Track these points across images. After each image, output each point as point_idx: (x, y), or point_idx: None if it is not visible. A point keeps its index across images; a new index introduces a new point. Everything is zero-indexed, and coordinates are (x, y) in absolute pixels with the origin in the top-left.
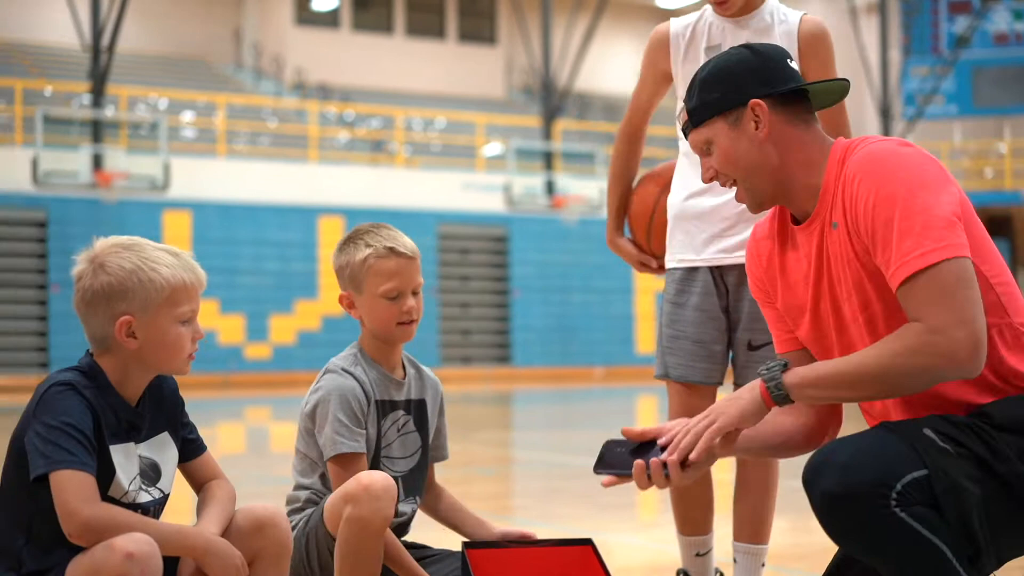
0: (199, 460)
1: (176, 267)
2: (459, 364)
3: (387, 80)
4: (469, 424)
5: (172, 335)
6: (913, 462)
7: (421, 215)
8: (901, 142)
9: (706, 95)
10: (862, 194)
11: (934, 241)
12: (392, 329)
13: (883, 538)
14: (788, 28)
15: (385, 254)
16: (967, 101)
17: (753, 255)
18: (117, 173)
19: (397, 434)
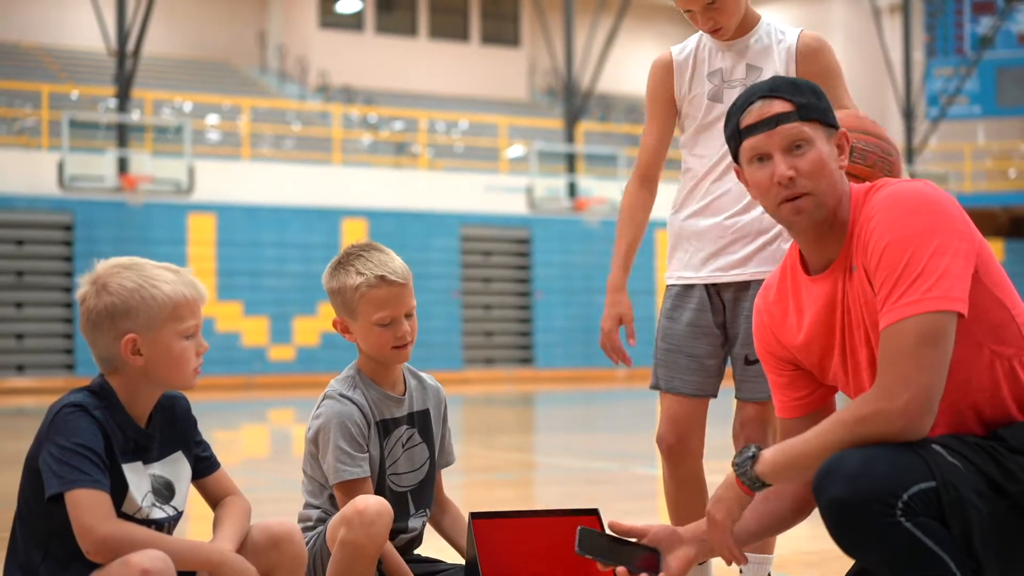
0: (213, 477)
1: (177, 283)
2: (482, 366)
3: (410, 83)
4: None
5: (177, 350)
6: (922, 474)
7: (444, 217)
8: (925, 183)
9: (817, 100)
10: (876, 234)
11: (924, 292)
12: (387, 353)
13: (887, 547)
14: (787, 45)
15: (376, 283)
16: (991, 101)
17: (763, 321)
18: (142, 177)
19: (403, 450)
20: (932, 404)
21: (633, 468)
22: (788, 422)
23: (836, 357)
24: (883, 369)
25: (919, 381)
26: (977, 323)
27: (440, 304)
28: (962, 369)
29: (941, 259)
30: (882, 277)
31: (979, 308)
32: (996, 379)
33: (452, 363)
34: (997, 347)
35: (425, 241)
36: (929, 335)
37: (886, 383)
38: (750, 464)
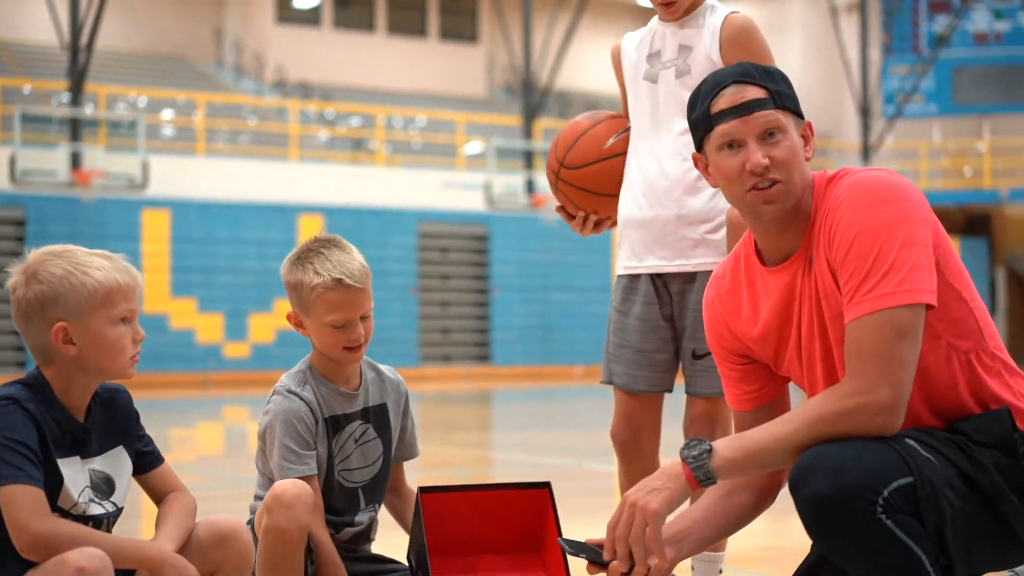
0: (156, 472)
1: (109, 269)
2: (439, 363)
3: (368, 78)
4: (448, 425)
5: (110, 336)
6: (900, 469)
7: (401, 214)
8: (888, 172)
9: (785, 87)
10: (842, 225)
11: (896, 285)
12: (339, 354)
13: (866, 543)
14: (713, 26)
15: (333, 286)
16: (947, 100)
17: (716, 316)
18: (95, 172)
19: (356, 445)
20: (907, 400)
21: (589, 464)
22: (742, 415)
23: (792, 350)
24: (857, 363)
25: (897, 376)
26: (936, 316)
27: (397, 301)
28: (920, 361)
29: (911, 250)
30: (850, 269)
31: (939, 300)
32: (953, 372)
33: (409, 360)
34: (955, 340)
35: (382, 238)
36: (903, 329)
37: (864, 378)
38: (707, 458)
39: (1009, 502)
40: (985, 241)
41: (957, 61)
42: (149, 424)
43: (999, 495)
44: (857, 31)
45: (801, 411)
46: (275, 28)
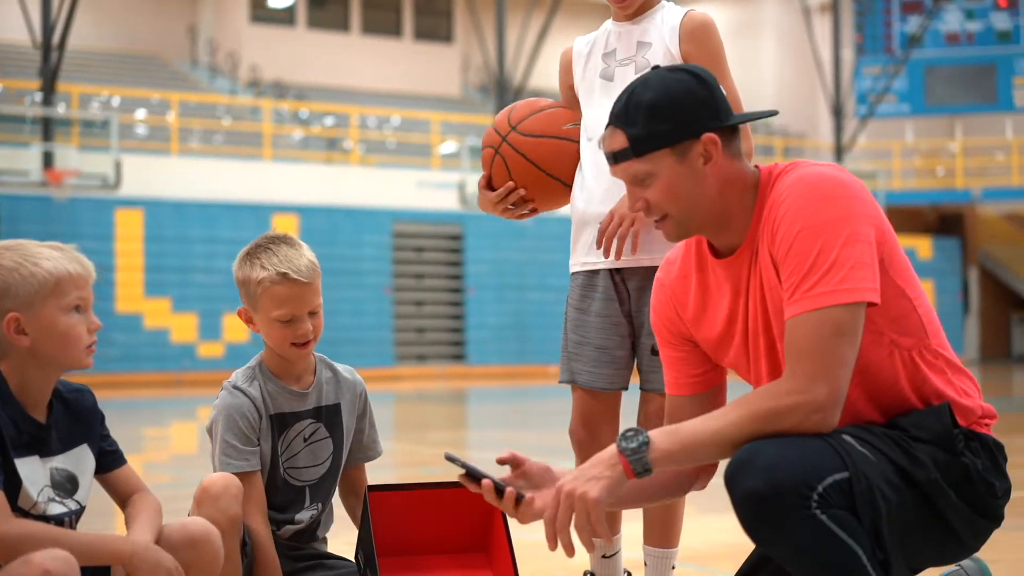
0: (120, 472)
1: (59, 259)
2: (414, 362)
3: (343, 78)
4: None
5: (63, 325)
6: (835, 464)
7: (375, 213)
8: (834, 167)
9: (656, 125)
10: (786, 221)
11: (837, 283)
12: (287, 350)
13: (801, 539)
14: (672, 25)
15: (279, 280)
16: (919, 100)
17: (664, 296)
18: (68, 171)
19: (305, 444)
20: (843, 397)
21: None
22: (678, 399)
23: (738, 344)
24: (795, 360)
25: (836, 374)
26: (879, 313)
27: (372, 301)
28: (862, 358)
29: (853, 248)
30: (792, 265)
31: (882, 297)
32: (895, 368)
33: (384, 360)
34: (897, 337)
35: (357, 237)
36: (842, 327)
37: (802, 376)
38: (645, 450)
39: (946, 497)
40: (958, 241)
41: (929, 61)
42: (123, 424)
43: (936, 491)
44: (830, 31)
45: (739, 406)
46: (249, 27)
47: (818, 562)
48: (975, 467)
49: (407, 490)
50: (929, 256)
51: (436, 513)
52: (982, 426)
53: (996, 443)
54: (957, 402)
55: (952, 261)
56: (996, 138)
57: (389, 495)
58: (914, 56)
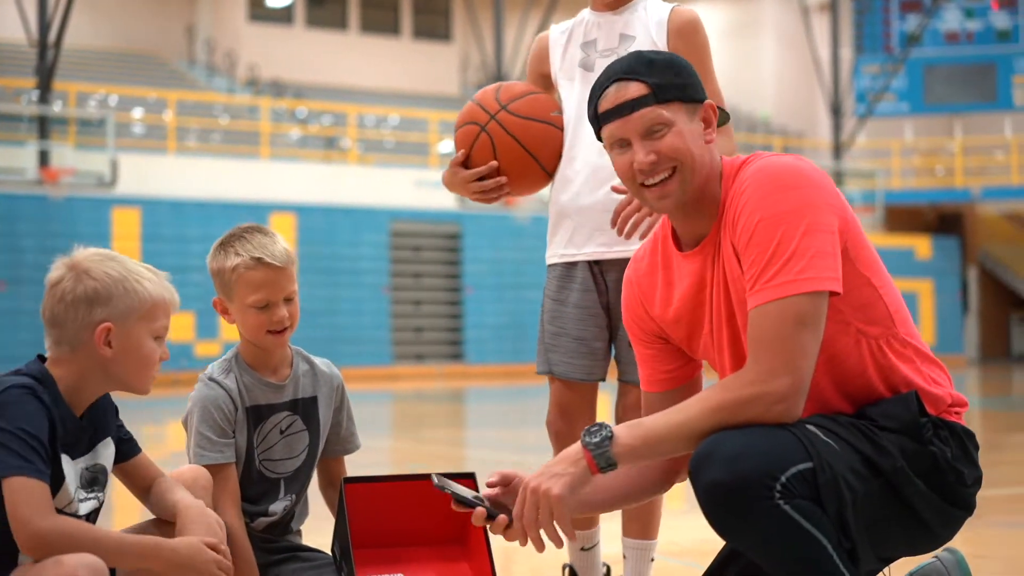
0: (139, 459)
1: (157, 284)
2: (412, 362)
3: (341, 77)
4: (421, 422)
5: (147, 349)
6: (799, 454)
7: (374, 212)
8: (796, 158)
9: (671, 77)
10: (746, 211)
11: (797, 273)
12: (263, 338)
13: (765, 530)
14: (659, 19)
15: (253, 265)
16: (918, 99)
17: (634, 295)
18: (64, 169)
19: (280, 436)
20: (807, 387)
21: None
22: (652, 396)
23: (705, 335)
24: (757, 351)
25: (798, 365)
26: (844, 301)
27: (370, 300)
28: (828, 347)
29: (814, 238)
30: (752, 256)
31: (847, 286)
32: (863, 358)
33: (382, 359)
34: (864, 326)
35: (355, 236)
36: (804, 317)
37: (764, 366)
38: (608, 445)
39: (913, 486)
40: (957, 240)
41: (928, 60)
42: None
43: (903, 479)
44: (828, 30)
45: (701, 399)
46: (247, 26)
47: (783, 553)
48: (943, 456)
49: (383, 482)
50: (928, 255)
51: (412, 505)
52: (952, 414)
53: (966, 431)
54: (926, 390)
55: (951, 260)
56: (995, 137)
57: (365, 487)
58: (913, 55)
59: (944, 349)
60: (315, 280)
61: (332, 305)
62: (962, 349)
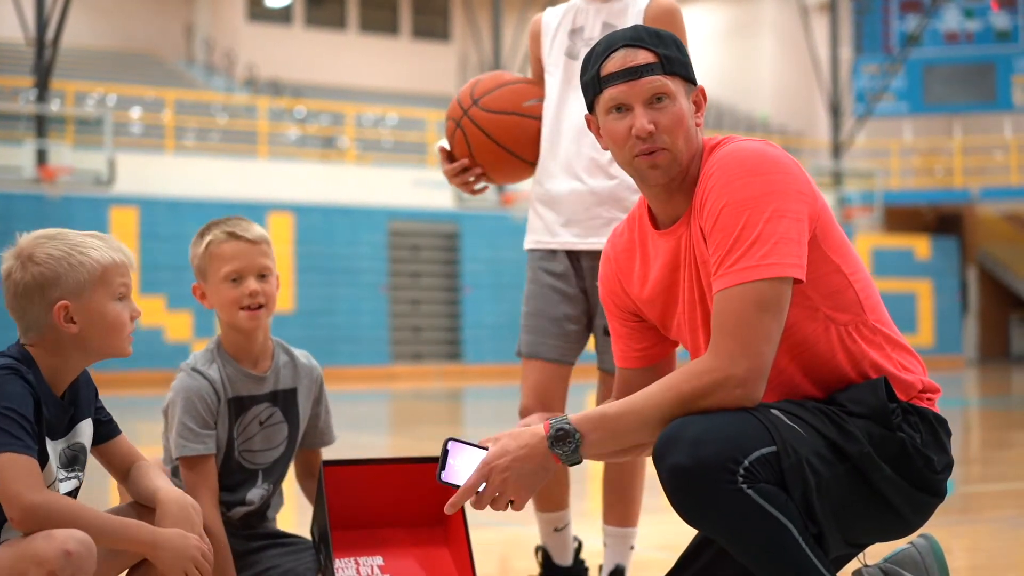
0: (119, 441)
1: (104, 248)
2: (410, 361)
3: (340, 77)
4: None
5: (112, 313)
6: (762, 439)
7: (372, 212)
8: (765, 143)
9: (680, 54)
10: (712, 195)
11: (760, 258)
12: (236, 314)
13: (729, 514)
14: (638, 9)
15: (225, 238)
16: (918, 99)
17: (611, 271)
18: (62, 169)
19: (260, 427)
20: (767, 372)
21: None
22: (627, 372)
23: (678, 315)
24: (719, 335)
25: (758, 349)
26: (813, 288)
27: (368, 299)
28: (796, 333)
29: (778, 224)
30: (717, 239)
31: (815, 273)
32: (831, 344)
33: (380, 358)
34: (833, 312)
35: (353, 236)
36: (765, 302)
37: (724, 350)
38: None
39: (880, 471)
40: (956, 240)
41: (928, 60)
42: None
43: (869, 464)
44: (827, 30)
45: (662, 385)
46: (246, 26)
47: (749, 538)
48: (912, 441)
49: (362, 465)
50: (927, 256)
51: (392, 487)
52: (923, 400)
53: (937, 417)
54: (896, 376)
55: (951, 261)
56: (995, 137)
57: (345, 470)
58: (913, 55)
59: (943, 350)
60: (313, 279)
61: (330, 304)
62: (961, 350)
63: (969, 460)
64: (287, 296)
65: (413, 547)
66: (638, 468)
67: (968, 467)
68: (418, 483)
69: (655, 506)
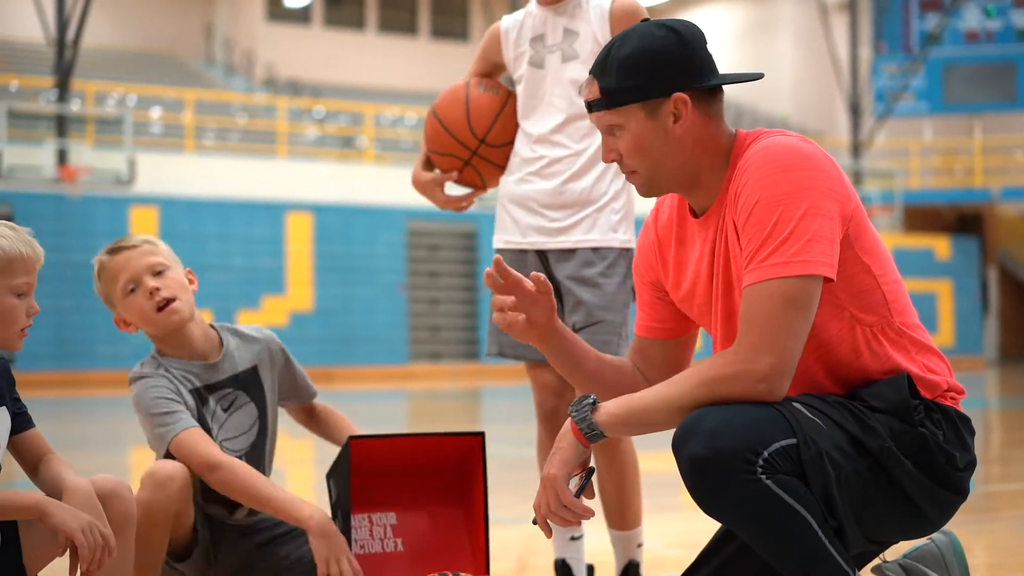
0: (31, 434)
1: (13, 240)
2: (428, 360)
3: (359, 77)
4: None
5: (6, 305)
6: (782, 430)
7: (390, 212)
8: (801, 138)
9: (627, 80)
10: (747, 190)
11: (792, 255)
12: (156, 318)
13: (748, 505)
14: (601, 11)
15: (108, 258)
16: (938, 99)
17: (649, 240)
18: (82, 168)
19: (226, 413)
20: (793, 368)
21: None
22: (643, 342)
23: (700, 304)
24: (746, 329)
25: (784, 345)
26: (841, 287)
27: (386, 299)
28: (822, 332)
29: (812, 221)
30: (750, 234)
31: (845, 272)
32: (857, 345)
33: (398, 358)
34: (860, 313)
35: (371, 235)
36: (794, 299)
37: (750, 344)
38: (589, 410)
39: (901, 466)
40: (977, 240)
41: (948, 59)
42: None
43: (890, 459)
44: (847, 29)
45: (687, 373)
46: (265, 26)
47: (767, 529)
48: (934, 438)
49: (389, 439)
50: (948, 256)
51: (417, 462)
52: (947, 399)
53: (961, 415)
54: (921, 376)
55: (971, 261)
56: (1016, 136)
57: (369, 442)
58: (933, 54)
59: (963, 350)
60: (331, 279)
61: (348, 304)
62: (982, 350)
63: (989, 459)
64: (306, 295)
65: (427, 506)
66: (630, 473)
67: (988, 466)
68: (444, 456)
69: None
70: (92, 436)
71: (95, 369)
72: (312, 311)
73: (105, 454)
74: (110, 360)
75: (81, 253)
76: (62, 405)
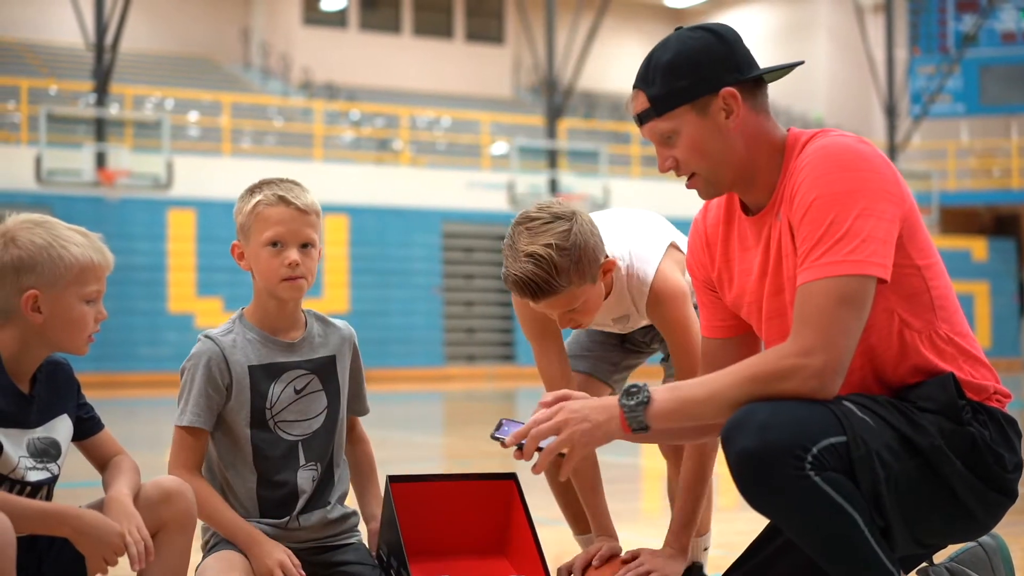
0: (99, 437)
1: (86, 247)
2: (463, 363)
3: (394, 80)
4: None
5: (77, 313)
6: (833, 428)
7: (425, 214)
8: (858, 139)
9: (674, 83)
10: (803, 188)
11: (847, 254)
12: (275, 284)
13: (794, 501)
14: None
15: (274, 202)
16: (974, 100)
17: (700, 240)
18: (120, 171)
19: (296, 395)
20: (845, 367)
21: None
22: (710, 343)
23: (750, 303)
24: (800, 326)
25: (837, 343)
26: (892, 289)
27: (421, 301)
28: (871, 336)
29: (867, 221)
30: (805, 232)
31: (896, 274)
32: (904, 349)
33: (434, 360)
34: (908, 317)
35: (407, 237)
36: (849, 297)
37: (804, 341)
38: (643, 411)
39: (951, 466)
40: (1014, 242)
41: (984, 60)
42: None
43: (940, 458)
44: (883, 31)
45: (738, 368)
46: (302, 30)
47: (814, 526)
48: (982, 437)
49: (427, 481)
50: (984, 257)
51: (457, 505)
52: (993, 401)
53: (1007, 418)
54: (966, 381)
55: (1008, 262)
56: None
57: (411, 487)
58: (969, 55)
59: (1000, 352)
60: (367, 281)
61: (384, 306)
62: (1019, 352)
63: None
64: (341, 297)
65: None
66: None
67: None
68: (485, 500)
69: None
70: (131, 436)
71: (135, 371)
72: (348, 313)
73: (147, 453)
74: (150, 362)
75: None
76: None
